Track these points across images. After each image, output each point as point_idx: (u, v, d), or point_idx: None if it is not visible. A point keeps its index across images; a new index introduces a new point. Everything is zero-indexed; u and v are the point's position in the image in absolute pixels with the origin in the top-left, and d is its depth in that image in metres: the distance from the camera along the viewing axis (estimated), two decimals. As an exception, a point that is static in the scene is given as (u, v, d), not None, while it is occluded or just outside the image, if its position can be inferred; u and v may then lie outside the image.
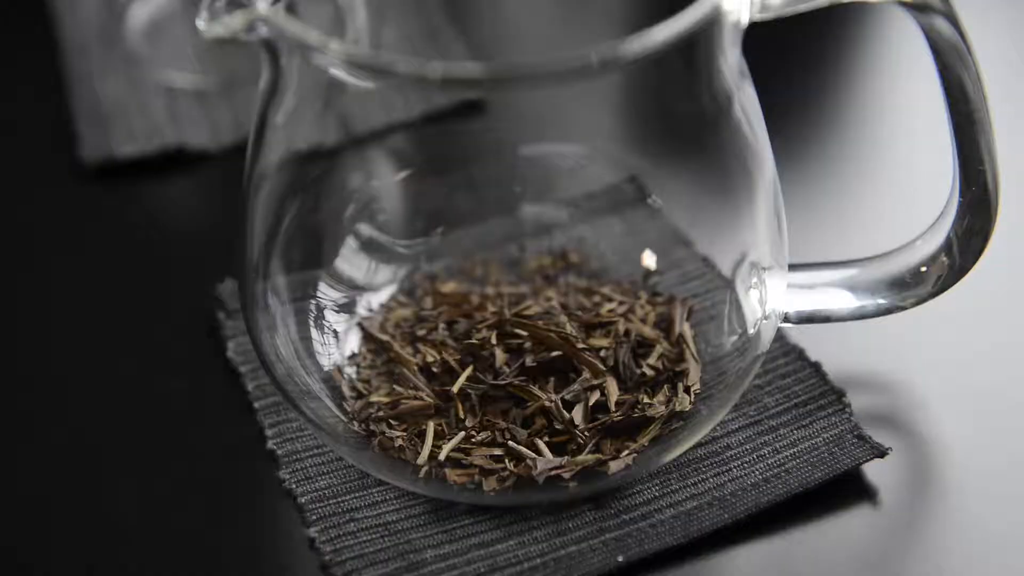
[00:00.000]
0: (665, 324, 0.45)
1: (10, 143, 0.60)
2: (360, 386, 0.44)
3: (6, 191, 0.57)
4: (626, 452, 0.42)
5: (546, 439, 0.42)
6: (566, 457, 0.42)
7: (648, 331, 0.45)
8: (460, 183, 0.49)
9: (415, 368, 0.44)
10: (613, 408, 0.43)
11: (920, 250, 0.44)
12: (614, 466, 0.41)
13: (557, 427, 0.42)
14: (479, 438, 0.42)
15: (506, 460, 0.42)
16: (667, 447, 0.42)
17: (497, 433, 0.42)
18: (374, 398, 0.43)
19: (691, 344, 0.45)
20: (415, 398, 0.43)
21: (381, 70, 0.37)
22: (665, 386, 0.43)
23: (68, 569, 0.42)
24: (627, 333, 0.44)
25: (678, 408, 0.43)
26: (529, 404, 0.43)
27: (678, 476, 0.43)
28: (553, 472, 0.41)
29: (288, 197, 0.44)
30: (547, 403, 0.42)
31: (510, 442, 0.42)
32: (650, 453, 0.42)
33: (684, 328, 0.45)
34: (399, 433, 0.42)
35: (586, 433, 0.42)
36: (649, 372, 0.43)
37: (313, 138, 0.42)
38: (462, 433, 0.42)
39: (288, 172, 0.43)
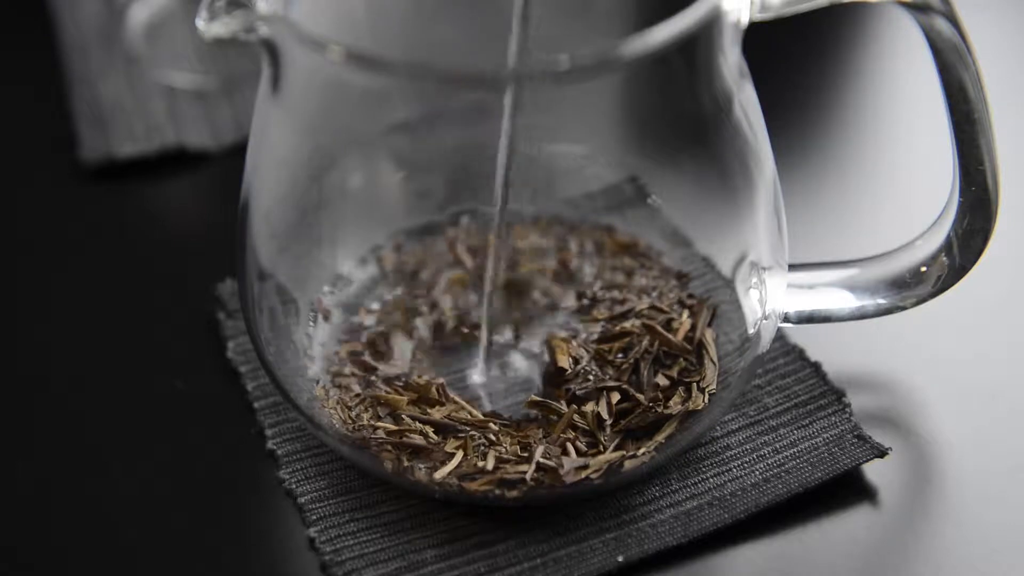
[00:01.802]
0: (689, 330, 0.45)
1: (10, 143, 0.60)
2: (349, 415, 0.43)
3: (6, 191, 0.57)
4: (643, 450, 0.42)
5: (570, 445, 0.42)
6: (588, 459, 0.42)
7: (676, 341, 0.44)
8: (460, 183, 0.49)
9: (405, 405, 0.43)
10: (615, 405, 0.42)
11: (920, 250, 0.44)
12: (629, 464, 0.41)
13: (581, 426, 0.42)
14: (508, 453, 0.42)
15: (530, 471, 0.41)
16: (674, 446, 0.42)
17: (521, 445, 0.42)
18: (380, 426, 0.43)
19: (711, 347, 0.44)
20: (420, 432, 0.42)
21: (381, 70, 0.37)
22: (680, 387, 0.43)
23: (68, 569, 0.43)
24: (648, 348, 0.44)
25: (692, 407, 0.43)
26: (555, 419, 0.43)
27: (678, 476, 0.43)
28: (582, 476, 0.41)
29: (288, 197, 0.44)
30: (576, 418, 0.42)
31: (540, 458, 0.41)
32: (664, 451, 0.42)
33: (706, 334, 0.45)
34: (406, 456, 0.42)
35: (606, 437, 0.42)
36: (664, 382, 0.43)
37: (313, 138, 0.42)
38: (494, 453, 0.42)
39: (288, 172, 0.43)
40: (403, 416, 0.43)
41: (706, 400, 0.43)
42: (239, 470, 0.45)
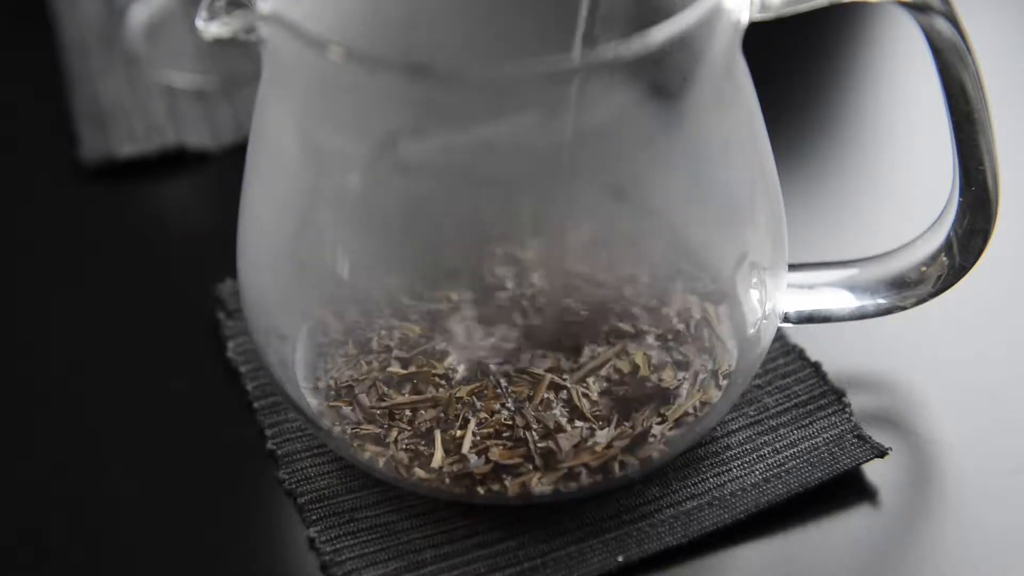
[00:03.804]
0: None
1: (10, 143, 0.60)
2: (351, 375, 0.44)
3: (6, 191, 0.57)
4: (660, 431, 0.42)
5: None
6: (587, 424, 0.41)
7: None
8: (462, 183, 0.49)
9: (433, 376, 0.44)
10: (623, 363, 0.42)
11: (920, 250, 0.44)
12: (640, 454, 0.41)
13: (563, 384, 0.42)
14: (492, 425, 0.42)
15: (531, 458, 0.41)
16: (679, 444, 0.42)
17: (504, 419, 0.42)
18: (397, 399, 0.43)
19: (718, 327, 0.44)
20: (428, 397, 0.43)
21: (382, 70, 0.37)
22: (693, 371, 0.43)
23: (67, 569, 0.43)
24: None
25: (702, 399, 0.43)
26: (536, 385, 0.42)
27: (678, 476, 0.43)
28: (579, 462, 0.41)
29: (288, 197, 0.44)
30: (560, 381, 0.42)
31: (535, 440, 0.41)
32: (672, 444, 0.42)
33: (710, 313, 0.45)
34: (407, 433, 0.42)
35: (598, 411, 0.42)
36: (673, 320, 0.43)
37: (313, 138, 0.42)
38: (473, 421, 0.42)
39: (288, 172, 0.43)
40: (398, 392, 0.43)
41: (721, 384, 0.43)
42: (239, 470, 0.45)
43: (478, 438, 0.42)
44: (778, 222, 0.43)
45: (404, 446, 0.42)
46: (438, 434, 0.42)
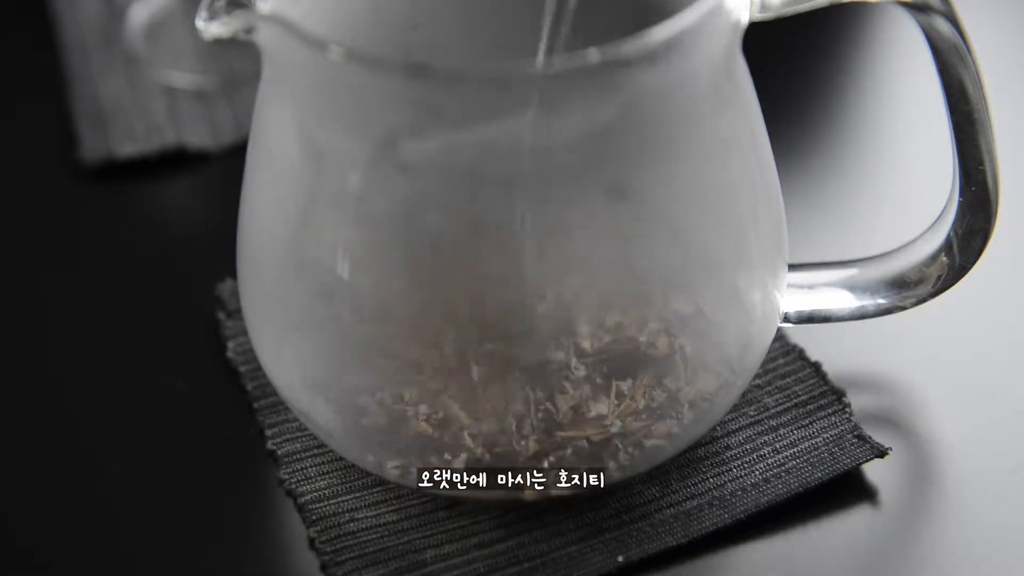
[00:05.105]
0: None
1: (10, 143, 0.60)
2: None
3: (6, 191, 0.57)
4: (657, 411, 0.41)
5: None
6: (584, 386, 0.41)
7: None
8: (463, 182, 0.49)
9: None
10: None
11: (920, 250, 0.44)
12: (651, 442, 0.41)
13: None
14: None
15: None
16: (678, 438, 0.42)
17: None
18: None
19: (719, 327, 0.44)
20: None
21: (382, 70, 0.37)
22: (687, 350, 0.43)
23: (68, 568, 0.43)
24: None
25: (700, 396, 0.42)
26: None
27: (678, 476, 0.43)
28: (579, 433, 0.41)
29: (288, 198, 0.44)
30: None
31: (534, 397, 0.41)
32: (667, 438, 0.42)
33: (708, 309, 0.44)
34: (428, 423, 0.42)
35: (581, 367, 0.41)
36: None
37: (313, 139, 0.42)
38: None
39: (288, 172, 0.43)
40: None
41: (720, 382, 0.42)
42: (239, 470, 0.45)
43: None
44: (778, 222, 0.43)
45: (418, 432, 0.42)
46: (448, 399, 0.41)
